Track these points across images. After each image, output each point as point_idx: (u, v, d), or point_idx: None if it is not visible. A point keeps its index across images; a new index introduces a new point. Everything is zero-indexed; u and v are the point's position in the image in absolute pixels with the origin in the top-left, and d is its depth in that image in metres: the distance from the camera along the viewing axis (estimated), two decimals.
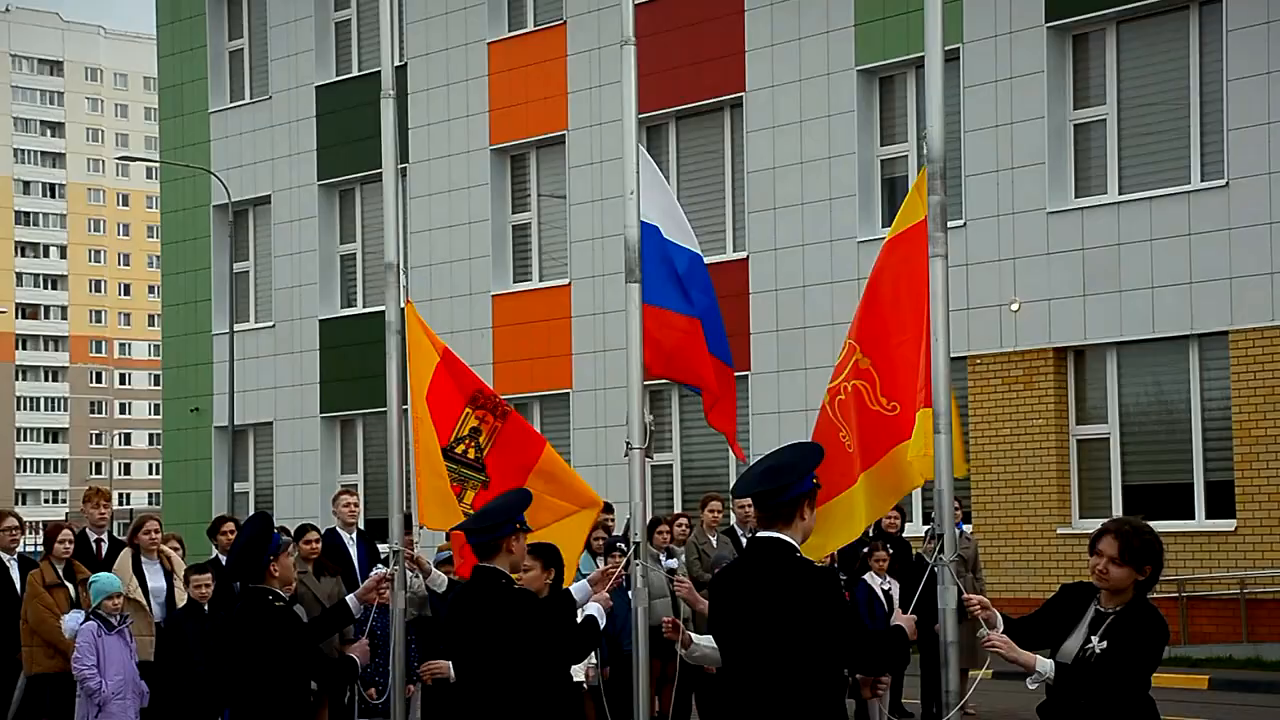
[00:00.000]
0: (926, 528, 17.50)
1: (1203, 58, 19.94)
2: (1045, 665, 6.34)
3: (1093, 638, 6.34)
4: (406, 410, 8.97)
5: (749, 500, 15.78)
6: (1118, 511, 19.65)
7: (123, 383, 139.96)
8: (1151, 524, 6.63)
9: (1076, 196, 20.81)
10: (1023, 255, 20.80)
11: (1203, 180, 19.82)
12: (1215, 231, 19.47)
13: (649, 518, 8.58)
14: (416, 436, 8.85)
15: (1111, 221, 20.32)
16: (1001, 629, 6.56)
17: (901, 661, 6.30)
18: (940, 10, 7.15)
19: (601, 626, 7.51)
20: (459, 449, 8.77)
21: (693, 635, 7.01)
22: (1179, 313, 19.73)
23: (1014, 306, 20.81)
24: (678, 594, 7.18)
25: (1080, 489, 20.60)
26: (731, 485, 22.86)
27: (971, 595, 6.75)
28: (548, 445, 8.98)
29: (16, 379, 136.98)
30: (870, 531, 16.25)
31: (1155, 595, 19.23)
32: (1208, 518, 19.60)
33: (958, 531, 14.07)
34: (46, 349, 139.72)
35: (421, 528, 9.09)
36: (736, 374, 8.93)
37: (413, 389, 8.88)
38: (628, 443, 7.74)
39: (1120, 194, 20.46)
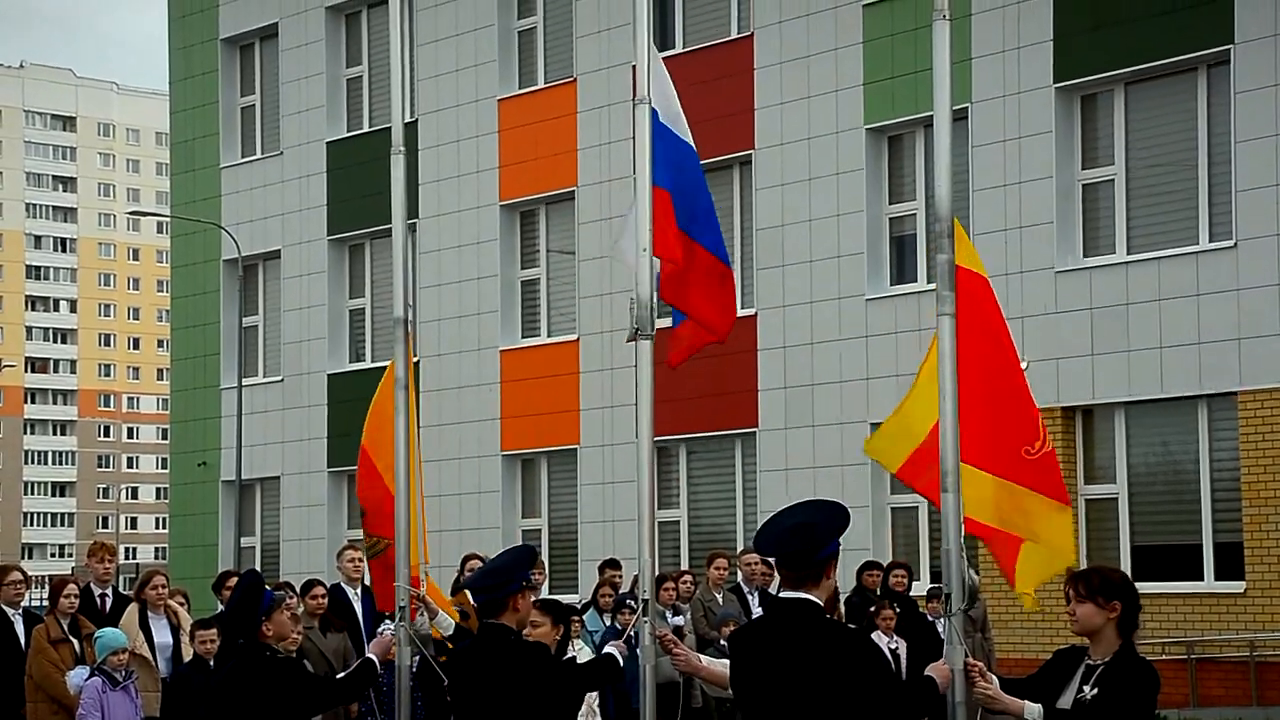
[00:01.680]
0: (930, 587, 17.42)
1: (1211, 119, 19.99)
2: (1033, 710, 6.39)
3: (1084, 687, 6.39)
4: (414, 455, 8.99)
5: (756, 558, 15.71)
6: (1127, 573, 19.55)
7: (130, 437, 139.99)
8: (1160, 585, 6.66)
9: (1085, 256, 20.83)
10: (1031, 314, 20.79)
11: (1211, 241, 19.84)
12: (1224, 292, 19.47)
13: (656, 574, 8.55)
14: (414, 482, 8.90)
15: (1120, 281, 20.33)
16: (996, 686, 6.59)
17: (934, 712, 6.31)
18: (949, 71, 7.18)
19: (621, 666, 7.50)
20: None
21: (701, 657, 6.98)
22: (1187, 373, 19.71)
23: (1022, 365, 20.80)
24: (675, 665, 7.13)
25: (1089, 549, 20.52)
26: (738, 542, 22.83)
27: (973, 660, 6.74)
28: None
29: (25, 432, 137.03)
30: (878, 590, 16.19)
31: (1164, 657, 19.12)
32: (1217, 579, 19.52)
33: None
34: (55, 403, 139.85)
35: (426, 564, 9.09)
36: (743, 431, 8.89)
37: (413, 437, 8.92)
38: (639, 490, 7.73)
39: (1129, 254, 20.48)
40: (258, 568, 24.90)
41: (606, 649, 7.68)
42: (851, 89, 22.65)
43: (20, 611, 12.75)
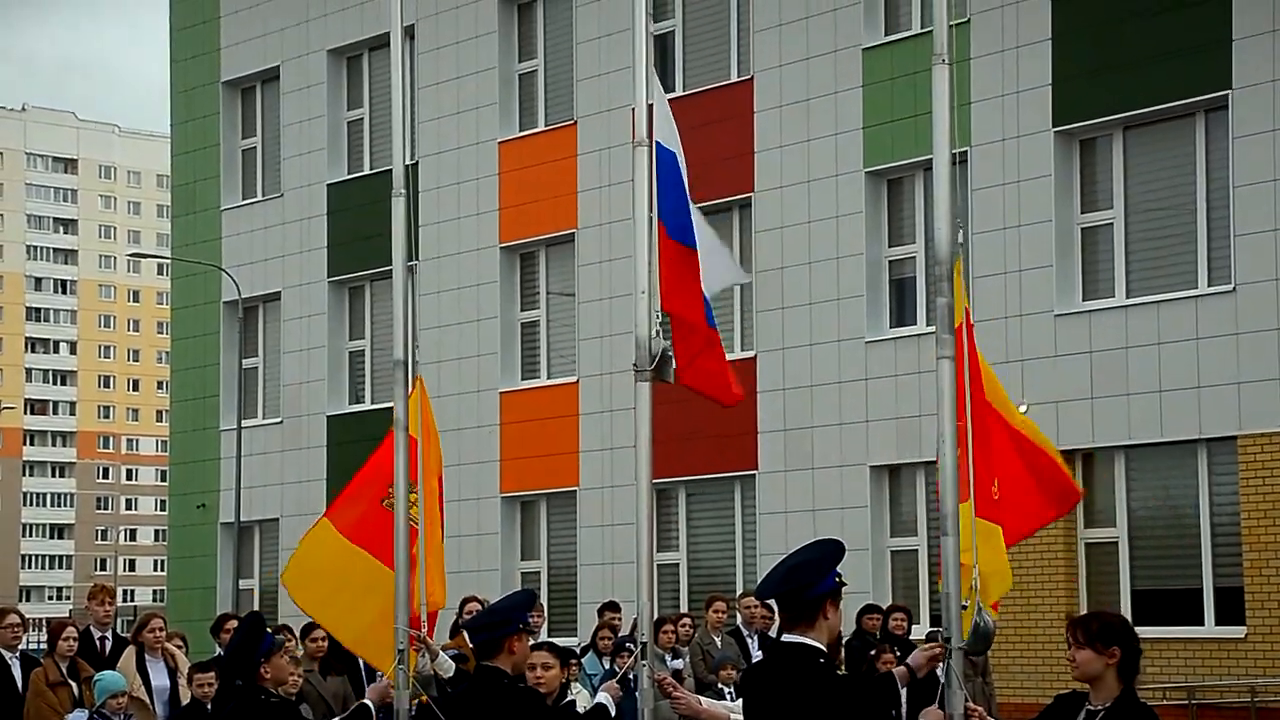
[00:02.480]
0: (929, 630, 17.38)
1: (1209, 164, 20.05)
2: None
3: None
4: (415, 500, 8.98)
5: (755, 601, 15.70)
6: (1127, 617, 19.50)
7: (129, 478, 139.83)
8: (1161, 630, 6.67)
9: (1084, 299, 20.86)
10: (1030, 357, 20.80)
11: (1210, 285, 19.86)
12: (1223, 336, 19.48)
13: (655, 617, 8.54)
14: (429, 516, 8.88)
15: (1119, 324, 20.35)
16: None
17: None
18: (948, 115, 7.21)
19: (611, 714, 7.47)
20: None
21: (701, 699, 6.96)
22: (1187, 417, 19.71)
23: (1022, 408, 20.78)
24: (675, 708, 7.11)
25: (1089, 593, 20.48)
26: (738, 585, 22.79)
27: (974, 705, 6.72)
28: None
29: (24, 474, 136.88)
30: (878, 633, 16.15)
31: (1165, 702, 19.04)
32: (1217, 624, 19.47)
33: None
34: (54, 444, 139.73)
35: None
36: (743, 473, 8.91)
37: (426, 468, 8.92)
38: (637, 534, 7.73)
39: (1128, 297, 20.50)
40: (254, 610, 24.83)
41: (598, 696, 7.66)
42: (851, 132, 22.72)
43: (18, 654, 12.72)
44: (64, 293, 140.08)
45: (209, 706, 11.80)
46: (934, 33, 7.44)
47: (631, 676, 8.21)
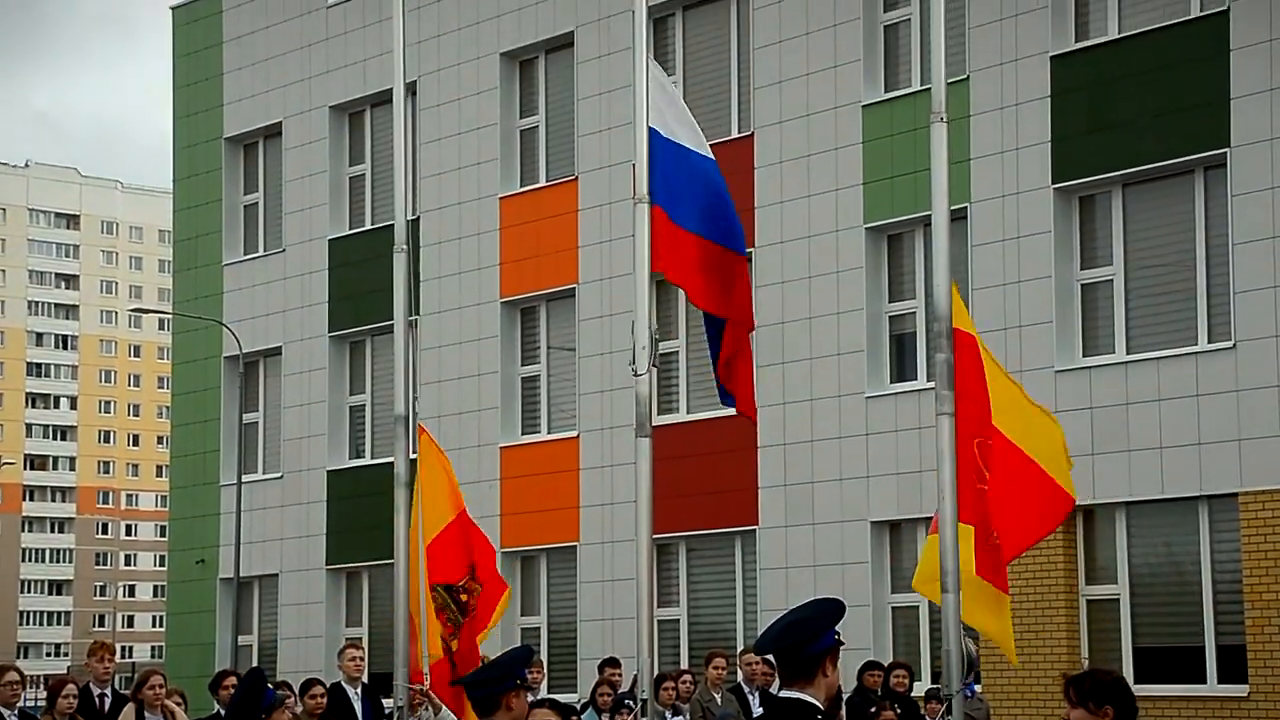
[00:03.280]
0: (929, 688, 17.32)
1: (1209, 221, 20.10)
2: None
3: None
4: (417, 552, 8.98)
5: (756, 657, 15.66)
6: (1129, 675, 19.45)
7: (129, 534, 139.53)
8: (1162, 688, 6.64)
9: (1084, 355, 20.88)
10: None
11: (1210, 342, 19.88)
12: (1223, 393, 19.49)
13: (655, 673, 8.51)
14: (428, 570, 8.89)
15: (1119, 381, 20.36)
16: None
17: None
18: (946, 172, 7.25)
19: None
20: (462, 596, 8.83)
21: None
22: (1188, 474, 19.69)
23: None
24: None
25: (1091, 650, 20.41)
26: (738, 641, 22.71)
27: None
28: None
29: (23, 530, 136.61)
30: (879, 690, 16.10)
31: None
32: (1219, 682, 19.39)
33: (968, 694, 13.94)
34: (54, 500, 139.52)
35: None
36: (743, 528, 8.90)
37: (426, 521, 8.91)
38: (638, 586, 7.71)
39: (1128, 354, 20.52)
40: (256, 666, 24.74)
41: None
42: (851, 188, 22.79)
43: (16, 712, 12.67)
44: (65, 348, 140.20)
45: None
46: (932, 91, 7.49)
47: None
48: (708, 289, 8.06)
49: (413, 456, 9.05)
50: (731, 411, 8.61)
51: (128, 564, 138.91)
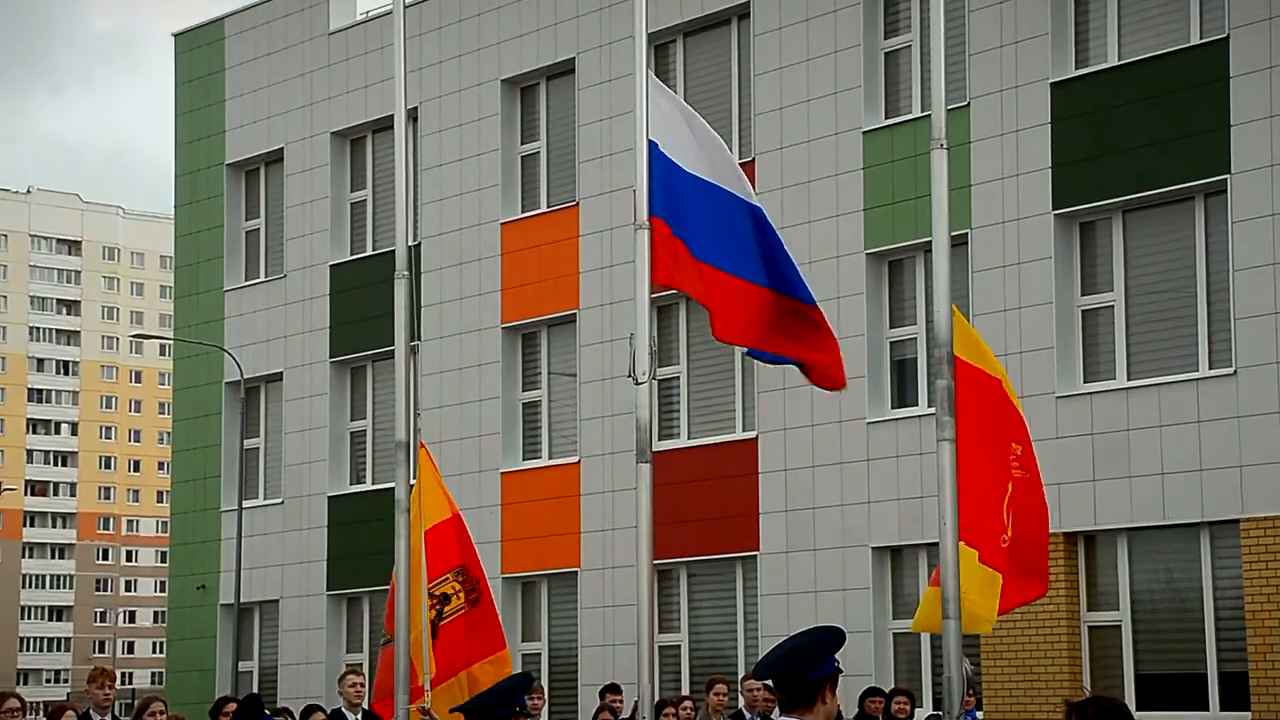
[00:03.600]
0: (929, 715, 17.30)
1: (1209, 247, 20.12)
2: None
3: None
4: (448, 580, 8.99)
5: (758, 683, 15.66)
6: (1131, 701, 19.42)
7: (129, 560, 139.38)
8: (1165, 715, 6.62)
9: (1085, 381, 20.88)
10: (1032, 439, 20.74)
11: (1211, 368, 19.89)
12: (1224, 419, 19.49)
13: (656, 699, 8.50)
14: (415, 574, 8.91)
15: (1120, 407, 20.36)
16: None
17: None
18: (947, 199, 7.26)
19: None
20: (441, 590, 8.90)
21: None
22: (1189, 500, 19.68)
23: None
24: None
25: (1093, 677, 20.38)
26: (739, 667, 22.68)
27: None
28: (505, 651, 9.05)
29: (23, 556, 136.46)
30: (880, 717, 16.07)
31: None
32: (1222, 709, 19.35)
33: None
34: (54, 526, 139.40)
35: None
36: (744, 554, 8.91)
37: (414, 528, 8.96)
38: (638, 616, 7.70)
39: (1129, 380, 20.52)
40: (255, 693, 24.71)
41: None
42: (852, 214, 22.82)
43: None
44: (66, 374, 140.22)
45: None
46: (933, 117, 7.51)
47: None
48: (715, 304, 8.06)
49: (414, 481, 9.06)
50: (733, 437, 8.63)
51: (128, 590, 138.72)
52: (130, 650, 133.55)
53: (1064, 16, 21.21)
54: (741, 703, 15.74)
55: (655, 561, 7.92)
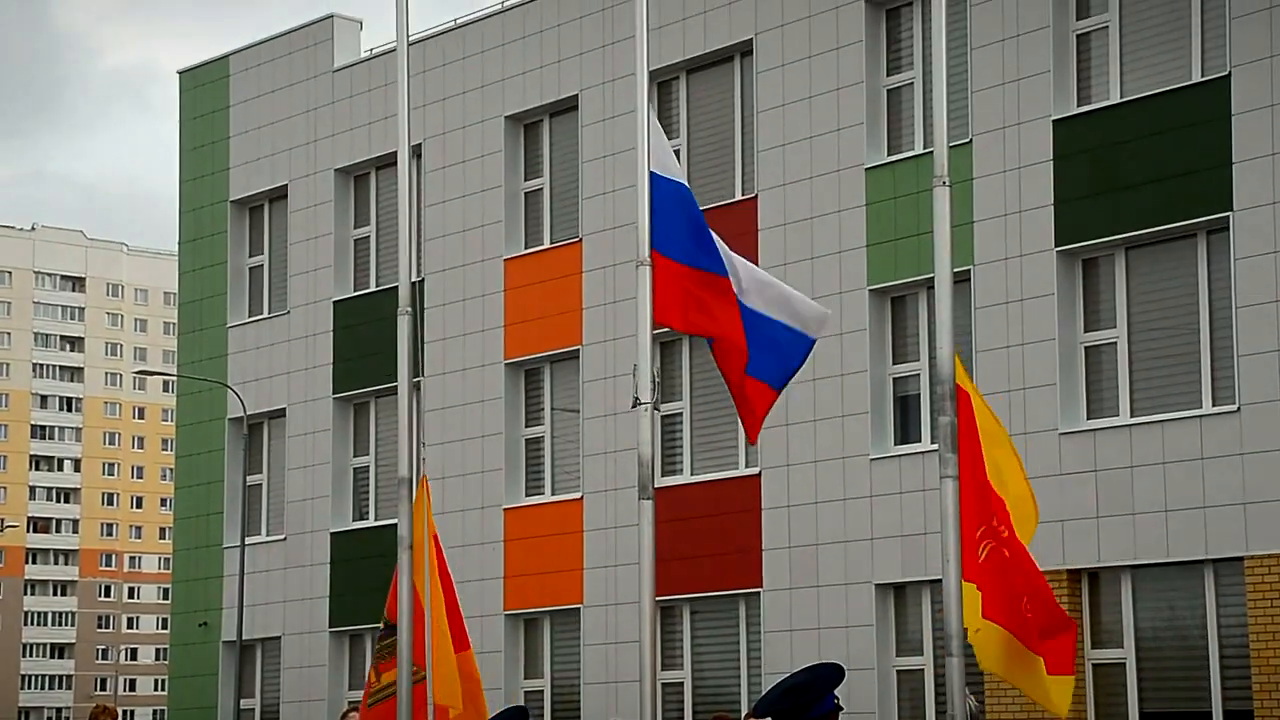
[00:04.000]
0: None
1: (1211, 284, 20.13)
2: None
3: None
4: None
5: None
6: None
7: (131, 596, 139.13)
8: None
9: (1088, 418, 20.86)
10: (1035, 476, 20.63)
11: (1214, 405, 19.87)
12: (1228, 456, 19.46)
13: None
14: (437, 627, 8.89)
15: (1124, 444, 20.33)
16: None
17: None
18: (949, 236, 7.27)
19: None
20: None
21: None
22: (1193, 537, 19.64)
23: None
24: None
25: (1097, 716, 20.31)
26: (742, 704, 22.60)
27: None
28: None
29: (25, 593, 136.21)
30: None
31: None
32: None
33: None
34: (56, 563, 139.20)
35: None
36: (747, 591, 8.89)
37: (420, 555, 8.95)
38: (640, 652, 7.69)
39: (1132, 416, 20.50)
40: None
41: None
42: (855, 250, 22.85)
43: None
44: (69, 410, 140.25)
45: None
46: (935, 154, 7.52)
47: None
48: (709, 321, 8.09)
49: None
50: (736, 473, 8.64)
51: (130, 627, 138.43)
52: (132, 688, 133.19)
53: (1066, 54, 21.27)
54: None
55: (658, 598, 7.91)
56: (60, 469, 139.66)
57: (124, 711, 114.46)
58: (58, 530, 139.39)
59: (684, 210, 8.08)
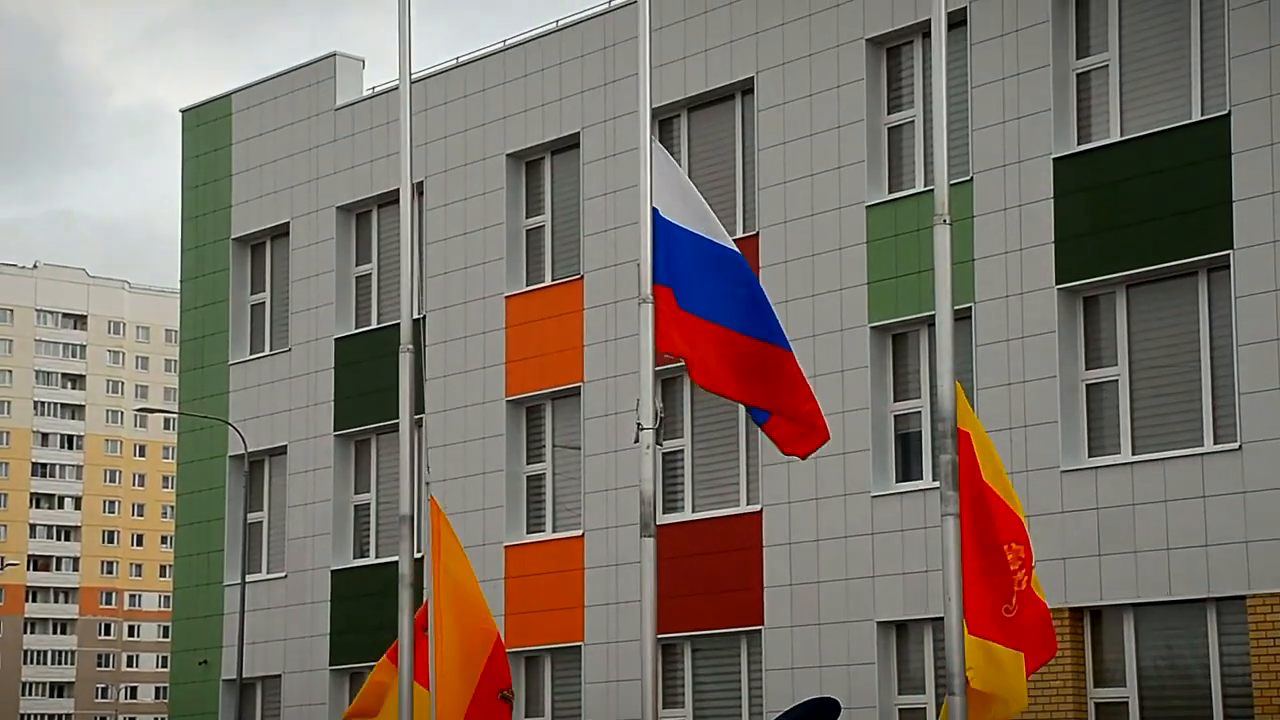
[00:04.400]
0: None
1: (1213, 322, 20.14)
2: None
3: None
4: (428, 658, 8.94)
5: None
6: None
7: (131, 635, 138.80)
8: None
9: (1090, 456, 20.84)
10: (1036, 513, 20.72)
11: (1216, 443, 19.86)
12: (1230, 495, 19.44)
13: None
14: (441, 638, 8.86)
15: (1125, 482, 20.31)
16: None
17: None
18: (950, 274, 7.28)
19: None
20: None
21: None
22: (1195, 576, 19.60)
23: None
24: None
25: None
26: None
27: None
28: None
29: (25, 631, 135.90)
30: None
31: None
32: None
33: None
34: (56, 601, 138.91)
35: None
36: (749, 629, 8.88)
37: (440, 586, 8.90)
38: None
39: (1134, 454, 20.49)
40: None
41: None
42: (856, 288, 22.87)
43: None
44: (70, 447, 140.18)
45: None
46: (936, 192, 7.54)
47: None
48: (719, 370, 8.09)
49: (418, 555, 9.05)
50: (737, 510, 8.64)
51: (130, 665, 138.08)
52: None
53: (1066, 92, 21.33)
54: None
55: (659, 636, 7.89)
56: (61, 507, 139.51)
57: None
58: (58, 568, 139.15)
59: (681, 248, 8.09)
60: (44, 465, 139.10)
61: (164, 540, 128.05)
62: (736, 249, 8.37)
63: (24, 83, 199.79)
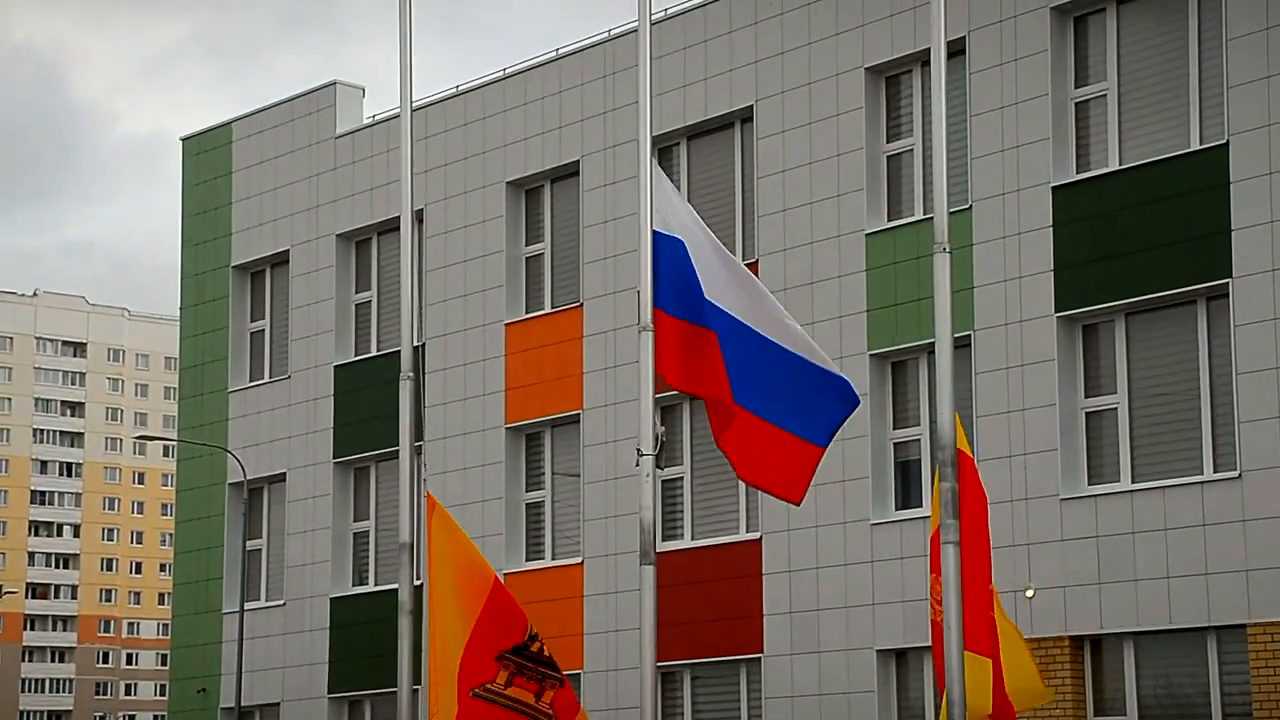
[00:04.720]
0: None
1: (1212, 350, 20.15)
2: None
3: None
4: (417, 690, 8.93)
5: None
6: None
7: (130, 663, 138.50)
8: None
9: (1089, 484, 20.83)
10: (1036, 541, 20.73)
11: (1215, 471, 19.85)
12: (1229, 523, 19.42)
13: None
14: (434, 632, 8.82)
15: (1125, 510, 20.30)
16: None
17: None
18: (949, 302, 7.29)
19: None
20: (533, 646, 8.78)
21: None
22: (1195, 604, 19.57)
23: (1029, 593, 20.69)
24: None
25: None
26: None
27: None
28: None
29: (23, 659, 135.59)
30: None
31: None
32: None
33: None
34: (55, 629, 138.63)
35: None
36: (748, 656, 8.87)
37: (439, 589, 8.86)
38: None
39: (1133, 482, 20.47)
40: None
41: None
42: (855, 315, 22.88)
43: None
44: (69, 475, 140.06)
45: None
46: (935, 220, 7.56)
47: None
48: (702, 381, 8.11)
49: (418, 583, 9.04)
50: (736, 538, 8.65)
51: (128, 693, 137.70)
52: None
53: (1065, 121, 21.38)
54: None
55: (659, 664, 7.88)
56: (59, 534, 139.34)
57: None
58: (56, 596, 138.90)
59: (681, 265, 8.13)
60: (43, 493, 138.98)
61: (163, 568, 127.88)
62: (746, 269, 8.40)
63: (30, 112, 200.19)
